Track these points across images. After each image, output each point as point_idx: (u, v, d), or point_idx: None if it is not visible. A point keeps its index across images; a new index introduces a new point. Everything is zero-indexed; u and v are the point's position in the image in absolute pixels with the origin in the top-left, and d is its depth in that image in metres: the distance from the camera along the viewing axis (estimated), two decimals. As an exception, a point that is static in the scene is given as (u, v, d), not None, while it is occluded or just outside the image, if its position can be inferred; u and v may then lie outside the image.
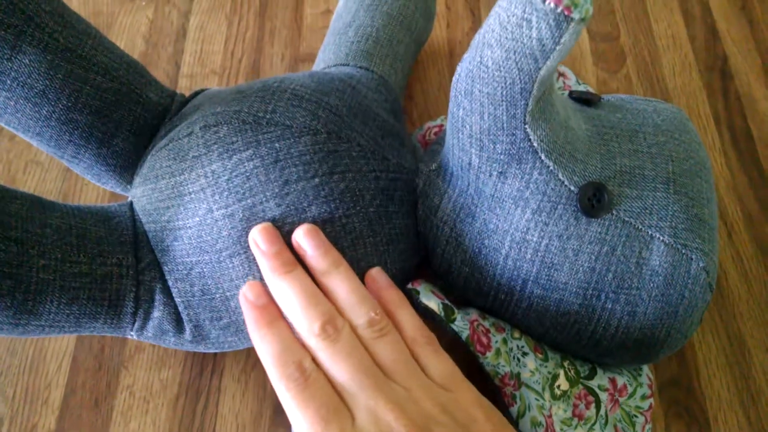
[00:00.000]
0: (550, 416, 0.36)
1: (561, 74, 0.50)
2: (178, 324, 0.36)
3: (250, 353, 0.43)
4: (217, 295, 0.35)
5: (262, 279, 0.34)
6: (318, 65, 0.46)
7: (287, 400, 0.29)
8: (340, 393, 0.29)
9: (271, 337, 0.31)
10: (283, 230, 0.34)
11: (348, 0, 0.49)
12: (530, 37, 0.28)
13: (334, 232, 0.35)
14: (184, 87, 0.54)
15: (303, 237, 0.33)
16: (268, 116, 0.35)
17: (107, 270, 0.34)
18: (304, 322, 0.31)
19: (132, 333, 0.36)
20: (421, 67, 0.56)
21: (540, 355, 0.37)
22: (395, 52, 0.46)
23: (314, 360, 0.30)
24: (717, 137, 0.54)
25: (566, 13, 0.26)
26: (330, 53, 0.46)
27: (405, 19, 0.47)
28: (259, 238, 0.33)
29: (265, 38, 0.57)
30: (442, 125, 0.46)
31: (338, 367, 0.30)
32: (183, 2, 0.59)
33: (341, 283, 0.32)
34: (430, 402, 0.30)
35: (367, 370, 0.30)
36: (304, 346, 0.31)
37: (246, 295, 0.33)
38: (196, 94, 0.41)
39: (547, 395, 0.36)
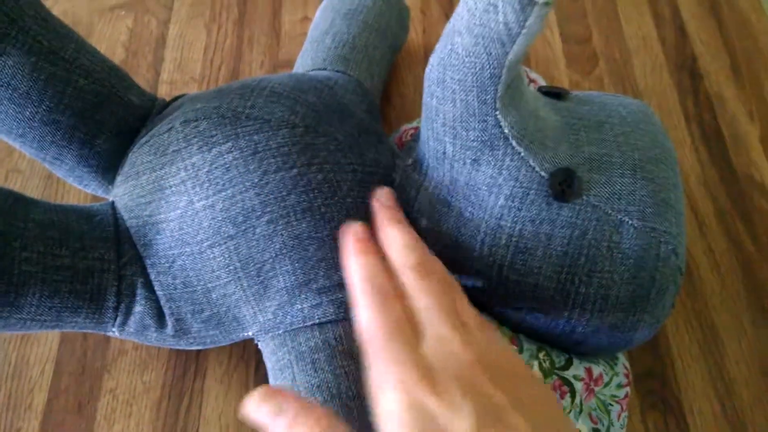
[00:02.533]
0: None
1: (532, 81, 0.51)
2: (160, 318, 0.36)
3: (232, 354, 0.44)
4: (199, 287, 0.36)
5: (242, 269, 0.35)
6: (296, 71, 0.47)
7: (363, 309, 0.30)
8: (414, 319, 0.30)
9: (364, 260, 0.32)
10: (263, 218, 0.34)
11: (325, 9, 0.50)
12: (497, 22, 0.29)
13: (313, 221, 0.35)
14: (164, 93, 0.55)
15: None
16: (247, 111, 0.36)
17: (89, 264, 0.34)
18: (401, 256, 0.32)
19: (114, 329, 0.36)
20: (398, 71, 0.57)
21: (514, 347, 0.37)
22: (371, 57, 0.47)
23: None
24: (687, 135, 0.55)
25: None
26: (308, 59, 0.47)
27: (380, 27, 0.49)
28: (381, 195, 0.35)
29: (243, 46, 0.58)
30: (417, 127, 0.47)
31: (419, 297, 0.30)
32: (162, 11, 0.60)
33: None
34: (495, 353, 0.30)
35: (446, 308, 0.30)
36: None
37: (353, 228, 0.34)
38: (177, 98, 0.42)
39: None
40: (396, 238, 0.32)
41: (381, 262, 0.32)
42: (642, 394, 0.44)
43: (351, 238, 0.33)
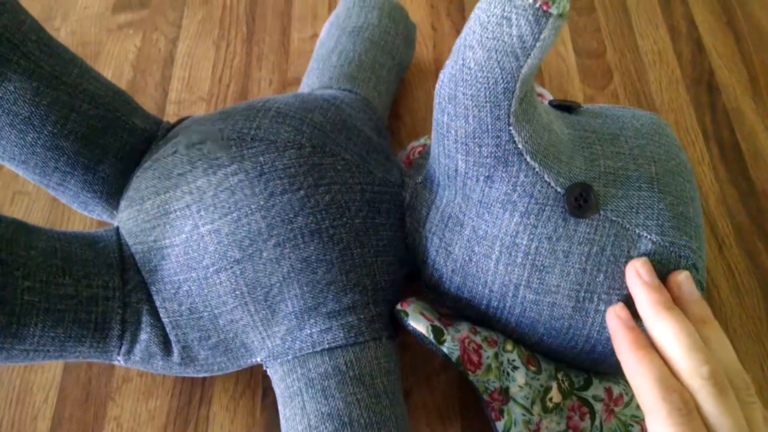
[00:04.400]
0: (537, 430, 0.35)
1: (539, 95, 0.50)
2: (166, 346, 0.36)
3: (239, 381, 0.43)
4: (205, 314, 0.35)
5: (249, 293, 0.34)
6: (302, 90, 0.47)
7: (663, 427, 0.28)
8: None
9: (650, 360, 0.29)
10: (270, 242, 0.34)
11: (331, 27, 0.50)
12: (510, 35, 0.28)
13: (321, 243, 0.34)
14: (171, 113, 0.55)
15: (685, 279, 0.32)
16: (252, 132, 0.35)
17: (93, 292, 0.33)
18: (691, 362, 0.29)
19: (119, 358, 0.35)
20: (408, 87, 0.57)
21: (533, 368, 0.36)
22: (378, 75, 0.47)
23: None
24: (705, 151, 0.54)
25: (544, 8, 0.27)
26: (314, 78, 0.46)
27: (386, 44, 0.49)
28: (642, 270, 0.32)
29: (252, 63, 0.58)
30: (425, 144, 0.46)
31: (723, 421, 0.28)
32: (170, 29, 0.59)
33: (720, 337, 0.31)
34: None
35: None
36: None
37: (618, 314, 0.32)
38: (181, 120, 0.41)
39: (536, 409, 0.36)
40: (677, 336, 0.29)
41: (663, 363, 0.30)
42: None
43: (620, 325, 0.32)
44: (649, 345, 0.30)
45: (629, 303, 0.33)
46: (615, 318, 0.32)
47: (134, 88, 0.56)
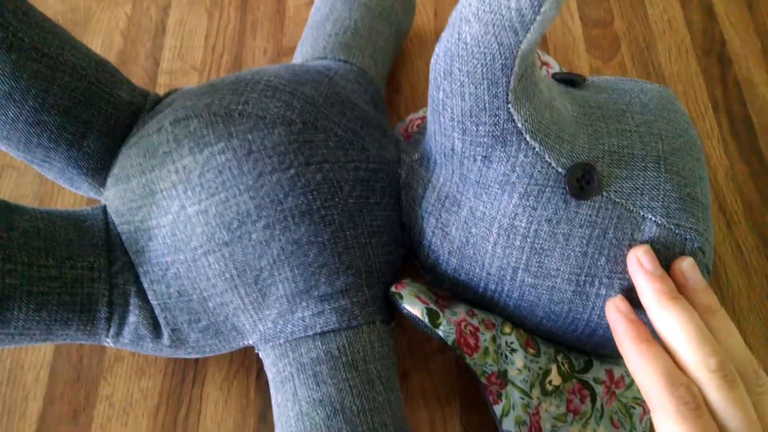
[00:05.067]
0: (536, 414, 0.35)
1: (544, 63, 0.48)
2: (156, 329, 0.35)
3: (233, 360, 0.42)
4: (194, 296, 0.34)
5: (238, 276, 0.33)
6: (296, 60, 0.45)
7: (671, 422, 0.27)
8: None
9: (654, 354, 0.28)
10: (259, 223, 0.33)
11: (325, -8, 0.47)
12: (509, 8, 0.26)
13: (312, 225, 0.33)
14: (163, 84, 0.53)
15: (689, 267, 0.31)
16: (240, 108, 0.34)
17: (77, 273, 0.32)
18: (697, 354, 0.28)
19: (108, 340, 0.34)
20: (408, 58, 0.55)
21: (532, 351, 0.36)
22: (374, 43, 0.45)
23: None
24: (715, 125, 0.52)
25: None
26: (308, 47, 0.44)
27: (384, 10, 0.46)
28: (644, 258, 0.31)
29: (246, 32, 0.56)
30: (424, 117, 0.45)
31: (732, 414, 0.27)
32: (162, -4, 0.57)
33: (727, 327, 0.30)
34: None
35: (755, 426, 0.27)
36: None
37: (618, 306, 0.31)
38: (169, 94, 0.40)
39: (535, 392, 0.35)
40: (683, 327, 0.28)
41: (668, 355, 0.29)
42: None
43: (621, 318, 0.30)
44: (652, 337, 0.29)
45: (632, 288, 0.32)
46: (615, 310, 0.31)
47: (125, 58, 0.54)
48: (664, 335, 0.29)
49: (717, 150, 0.51)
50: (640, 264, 0.30)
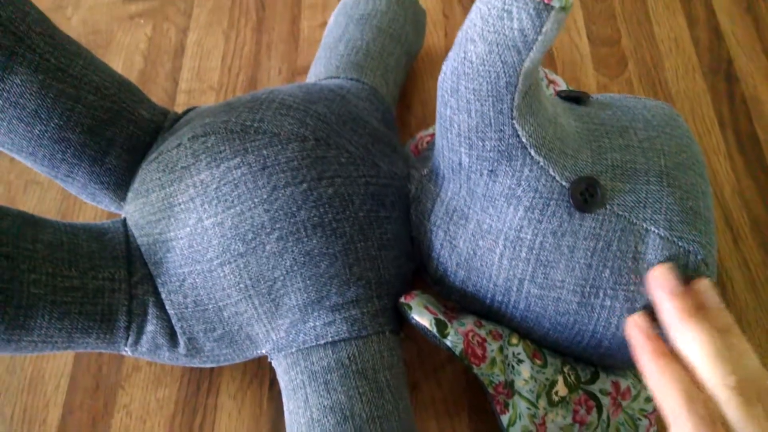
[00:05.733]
0: (542, 424, 0.35)
1: (551, 81, 0.49)
2: (173, 338, 0.36)
3: (246, 371, 0.43)
4: (210, 306, 0.35)
5: (253, 286, 0.34)
6: (309, 79, 0.46)
7: None
8: None
9: (673, 370, 0.29)
10: (273, 235, 0.34)
11: (338, 15, 0.49)
12: (512, 29, 0.28)
13: (324, 237, 0.34)
14: (182, 103, 0.55)
15: (708, 287, 0.31)
16: (255, 125, 0.35)
17: (99, 284, 0.33)
18: (717, 371, 0.28)
19: (126, 348, 0.35)
20: (419, 77, 0.56)
21: (538, 362, 0.36)
22: (386, 63, 0.46)
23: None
24: (722, 141, 0.53)
25: (546, 1, 0.26)
26: (321, 67, 0.46)
27: (395, 32, 0.48)
28: (665, 277, 0.31)
29: (262, 52, 0.57)
30: (433, 134, 0.46)
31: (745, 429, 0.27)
32: (181, 19, 0.59)
33: (744, 346, 0.30)
34: None
35: None
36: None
37: (638, 323, 0.32)
38: (188, 112, 0.41)
39: (542, 403, 0.35)
40: (703, 346, 0.28)
41: (686, 372, 0.29)
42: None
43: (640, 334, 0.31)
44: (671, 353, 0.30)
45: (635, 299, 0.32)
46: (634, 326, 0.32)
47: (145, 78, 0.56)
48: (684, 352, 0.29)
49: (724, 166, 0.52)
50: (661, 282, 0.31)
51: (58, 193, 0.50)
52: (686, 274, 0.32)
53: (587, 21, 0.59)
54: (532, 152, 0.32)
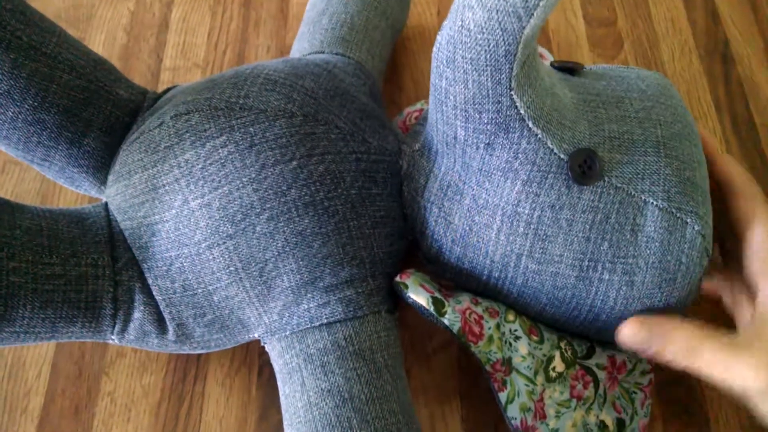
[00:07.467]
0: (540, 400, 0.35)
1: (539, 55, 0.48)
2: (161, 324, 0.35)
3: (234, 357, 0.42)
4: (199, 290, 0.34)
5: (243, 269, 0.33)
6: (293, 56, 0.45)
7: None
8: None
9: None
10: (263, 215, 0.33)
11: (321, -12, 0.48)
12: None
13: (316, 216, 0.33)
14: (166, 80, 0.53)
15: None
16: (241, 101, 0.34)
17: (82, 271, 0.32)
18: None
19: (113, 337, 0.34)
20: (411, 56, 0.55)
21: (535, 338, 0.36)
22: (371, 37, 0.45)
23: None
24: (718, 124, 0.52)
25: None
26: (305, 42, 0.44)
27: (379, 5, 0.47)
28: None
29: (249, 29, 0.56)
30: (422, 109, 0.45)
31: None
32: (165, -7, 0.57)
33: None
34: None
35: None
36: None
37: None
38: (168, 90, 0.40)
39: (540, 379, 0.35)
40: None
41: None
42: (666, 403, 0.42)
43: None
44: None
45: (634, 272, 0.32)
46: None
47: (128, 54, 0.54)
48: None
49: (719, 149, 0.51)
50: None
51: (38, 174, 0.48)
52: (672, 240, 0.33)
53: (583, 1, 0.58)
54: (530, 124, 0.31)
